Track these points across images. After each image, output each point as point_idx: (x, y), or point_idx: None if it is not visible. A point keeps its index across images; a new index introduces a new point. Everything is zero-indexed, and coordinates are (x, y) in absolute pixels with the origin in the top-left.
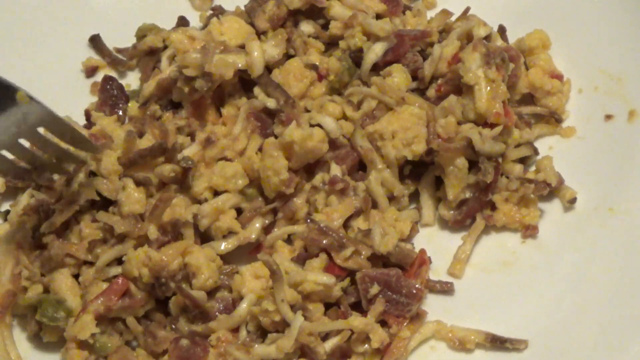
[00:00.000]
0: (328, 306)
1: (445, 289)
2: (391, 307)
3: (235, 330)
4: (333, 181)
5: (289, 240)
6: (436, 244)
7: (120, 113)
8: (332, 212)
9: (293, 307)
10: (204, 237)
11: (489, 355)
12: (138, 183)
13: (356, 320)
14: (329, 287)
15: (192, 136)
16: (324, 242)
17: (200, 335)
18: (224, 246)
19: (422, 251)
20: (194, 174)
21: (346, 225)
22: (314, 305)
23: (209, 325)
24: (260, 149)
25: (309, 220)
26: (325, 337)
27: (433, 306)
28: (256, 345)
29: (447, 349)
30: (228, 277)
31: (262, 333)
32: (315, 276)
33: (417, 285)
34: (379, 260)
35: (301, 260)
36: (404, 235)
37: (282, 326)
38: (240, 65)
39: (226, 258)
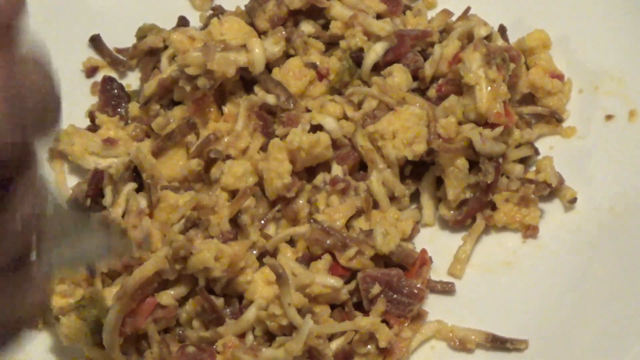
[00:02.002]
0: (332, 307)
1: (447, 289)
2: (392, 307)
3: (241, 335)
4: (334, 181)
5: (290, 241)
6: (436, 244)
7: (124, 113)
8: (334, 212)
9: (300, 311)
10: None
11: (489, 355)
12: None
13: (363, 321)
14: (336, 290)
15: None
16: (328, 242)
17: (207, 342)
18: None
19: (424, 251)
20: (216, 166)
21: (347, 225)
22: (320, 308)
23: (217, 330)
24: (262, 148)
25: (312, 221)
26: (330, 338)
27: (433, 306)
28: (264, 349)
29: (447, 349)
30: None
31: (268, 337)
32: (323, 279)
33: (418, 285)
34: (380, 260)
35: (305, 261)
36: (406, 235)
37: (290, 330)
38: (241, 62)
39: None
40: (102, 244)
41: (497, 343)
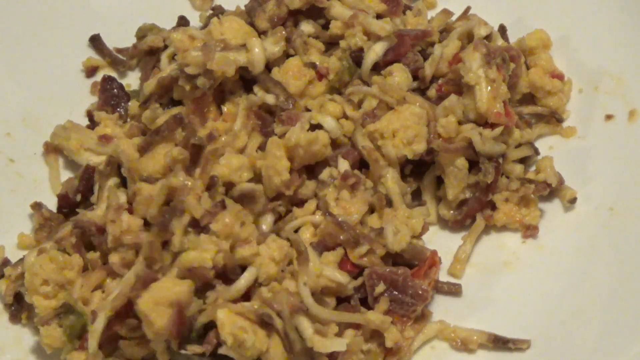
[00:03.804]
0: (338, 301)
1: (453, 291)
2: (396, 306)
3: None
4: (345, 176)
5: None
6: (436, 244)
7: (122, 112)
8: (350, 207)
9: (313, 295)
10: None
11: (490, 355)
12: None
13: (373, 315)
14: (343, 285)
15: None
16: (341, 237)
17: None
18: None
19: (434, 252)
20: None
21: (360, 221)
22: (327, 299)
23: (208, 295)
24: (260, 147)
25: (327, 214)
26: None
27: (433, 306)
28: None
29: (447, 349)
30: None
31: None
32: (332, 273)
33: (423, 287)
34: (389, 257)
35: (320, 248)
36: (416, 232)
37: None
38: (241, 62)
39: None
40: None
41: (499, 343)
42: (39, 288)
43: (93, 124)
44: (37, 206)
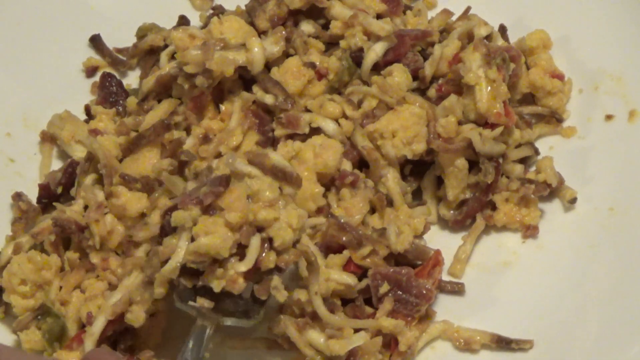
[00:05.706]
0: (343, 302)
1: (456, 290)
2: (400, 306)
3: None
4: (343, 175)
5: None
6: (436, 244)
7: (121, 109)
8: (352, 207)
9: (326, 301)
10: None
11: (493, 355)
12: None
13: (386, 321)
14: (350, 287)
15: (188, 130)
16: (343, 239)
17: None
18: None
19: (438, 252)
20: (190, 167)
21: (362, 221)
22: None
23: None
24: (259, 144)
25: (329, 215)
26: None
27: (434, 306)
28: None
29: (447, 349)
30: None
31: None
32: (339, 276)
33: (427, 286)
34: (391, 258)
35: (323, 249)
36: (418, 232)
37: (312, 317)
38: (240, 61)
39: None
40: None
41: (503, 344)
42: (17, 288)
43: (90, 117)
44: (17, 196)
